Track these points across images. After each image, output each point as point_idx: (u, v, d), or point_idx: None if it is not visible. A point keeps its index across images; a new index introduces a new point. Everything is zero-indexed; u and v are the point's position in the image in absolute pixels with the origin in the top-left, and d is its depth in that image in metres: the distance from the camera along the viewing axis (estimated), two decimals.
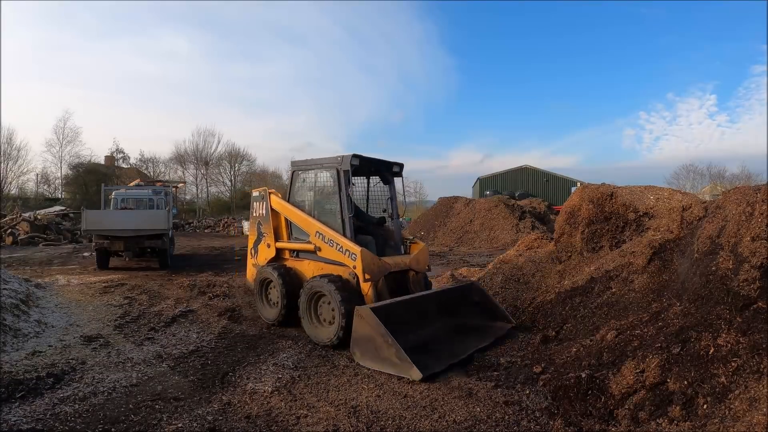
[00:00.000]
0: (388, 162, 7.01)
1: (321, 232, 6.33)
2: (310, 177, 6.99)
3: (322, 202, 6.82)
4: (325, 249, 6.27)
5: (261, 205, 7.49)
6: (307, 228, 6.60)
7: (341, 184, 6.30)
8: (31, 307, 7.15)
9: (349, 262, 5.92)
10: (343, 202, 6.26)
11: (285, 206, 7.08)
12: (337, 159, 6.36)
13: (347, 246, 5.99)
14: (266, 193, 7.43)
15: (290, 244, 7.03)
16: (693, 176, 43.14)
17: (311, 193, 6.99)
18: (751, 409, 2.87)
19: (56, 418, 3.82)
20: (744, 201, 4.34)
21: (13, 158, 36.34)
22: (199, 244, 20.34)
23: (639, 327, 4.80)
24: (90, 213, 12.24)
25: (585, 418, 3.73)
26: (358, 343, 5.18)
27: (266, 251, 7.31)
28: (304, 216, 6.71)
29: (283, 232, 7.21)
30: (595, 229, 7.75)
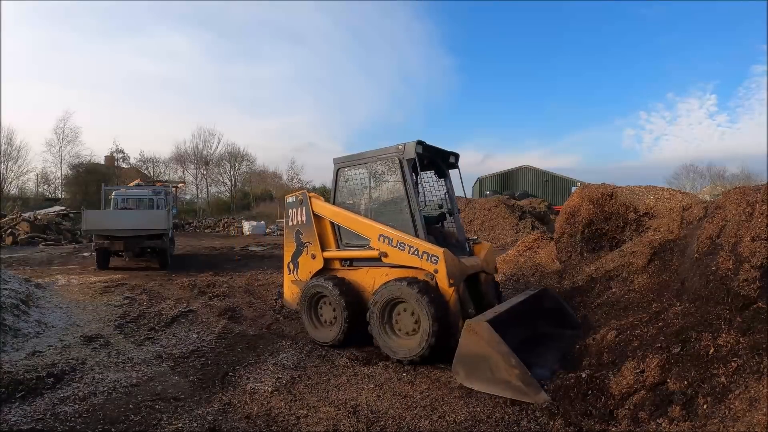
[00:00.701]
0: (445, 151, 6.18)
1: (386, 235, 5.56)
2: (358, 173, 6.22)
3: (379, 199, 6.06)
4: (393, 254, 5.49)
5: (299, 211, 6.56)
6: (366, 232, 5.79)
7: (405, 176, 5.58)
8: (31, 307, 7.15)
9: (428, 266, 5.21)
10: (410, 197, 5.55)
11: (331, 210, 6.26)
12: (398, 148, 5.67)
13: (425, 248, 5.26)
14: (305, 197, 6.53)
15: (343, 253, 6.14)
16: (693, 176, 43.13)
17: (364, 191, 6.19)
18: (751, 409, 2.87)
19: (56, 418, 3.83)
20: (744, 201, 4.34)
21: (13, 158, 36.39)
22: (199, 244, 20.35)
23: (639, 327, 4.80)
24: (90, 213, 12.25)
25: (585, 418, 3.73)
26: (465, 362, 4.50)
27: (310, 263, 6.39)
28: (359, 218, 5.92)
29: (329, 239, 6.31)
30: (595, 229, 7.75)
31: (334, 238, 6.28)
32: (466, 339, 4.52)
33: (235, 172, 46.41)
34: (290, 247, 6.70)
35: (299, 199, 6.59)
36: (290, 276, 6.72)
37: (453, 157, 6.33)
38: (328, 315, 5.98)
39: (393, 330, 5.34)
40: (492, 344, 4.33)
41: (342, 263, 6.18)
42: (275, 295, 8.87)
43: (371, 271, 5.87)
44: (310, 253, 6.40)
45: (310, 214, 6.40)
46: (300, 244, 6.54)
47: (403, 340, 5.22)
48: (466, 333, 4.52)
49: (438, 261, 5.14)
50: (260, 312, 7.79)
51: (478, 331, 4.46)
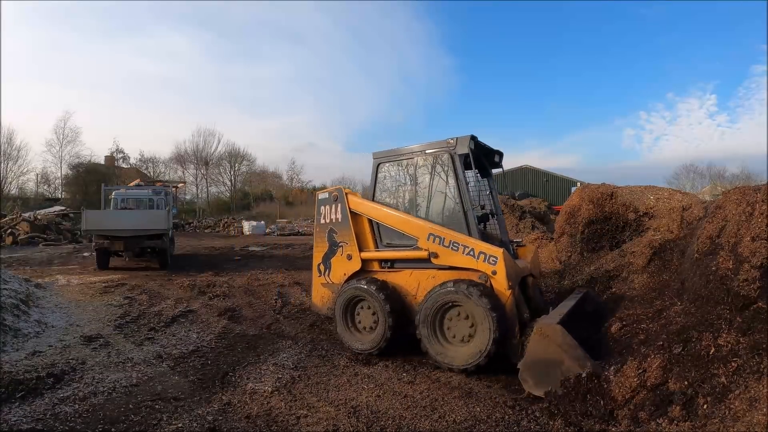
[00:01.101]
0: (490, 149, 5.87)
1: (437, 234, 5.23)
2: (402, 169, 5.86)
3: (425, 197, 5.68)
4: (445, 254, 5.17)
5: (332, 208, 6.11)
6: (414, 231, 5.44)
7: (458, 172, 5.28)
8: (31, 307, 7.15)
9: (485, 267, 4.90)
10: (463, 195, 5.26)
11: (372, 207, 5.86)
12: (448, 142, 5.37)
13: (483, 248, 4.95)
14: (341, 193, 6.08)
15: (385, 253, 5.75)
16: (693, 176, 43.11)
17: (408, 187, 5.83)
18: (751, 409, 2.87)
19: (56, 418, 3.83)
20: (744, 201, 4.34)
21: (13, 158, 36.38)
22: (199, 244, 20.35)
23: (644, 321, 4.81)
24: (90, 213, 12.26)
25: (585, 418, 3.73)
26: (534, 369, 4.23)
27: (346, 265, 5.97)
28: (406, 216, 5.57)
29: (367, 239, 5.92)
30: (595, 229, 7.76)
31: (372, 237, 5.91)
32: (536, 344, 4.26)
33: (235, 172, 46.44)
34: (321, 247, 6.26)
35: (333, 196, 6.15)
36: (320, 278, 6.29)
37: (498, 156, 6.02)
38: (367, 320, 5.61)
39: (445, 336, 5.00)
40: (565, 348, 4.08)
41: (382, 265, 5.83)
42: (275, 295, 8.90)
43: (415, 273, 5.53)
44: (345, 254, 5.97)
45: (347, 212, 5.97)
46: (333, 244, 6.11)
47: (457, 347, 4.89)
48: (536, 338, 4.26)
49: (497, 262, 4.84)
50: (260, 312, 7.78)
51: (550, 334, 4.20)
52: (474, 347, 4.74)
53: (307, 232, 28.81)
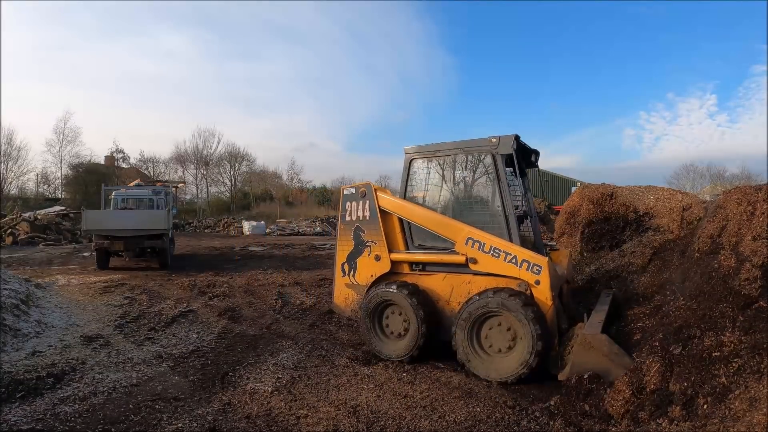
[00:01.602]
0: (528, 148, 5.65)
1: (477, 238, 4.96)
2: (437, 166, 5.60)
3: (462, 197, 5.52)
4: (485, 261, 4.92)
5: (360, 205, 5.76)
6: (451, 233, 5.16)
7: (500, 173, 5.02)
8: (31, 307, 7.15)
9: (528, 276, 4.69)
10: (505, 197, 5.01)
11: (404, 206, 5.53)
12: (491, 141, 5.09)
13: (526, 256, 4.73)
14: (370, 190, 5.73)
15: (418, 256, 5.46)
16: (693, 176, 43.05)
17: (443, 186, 5.58)
18: (751, 409, 2.87)
19: (56, 418, 3.83)
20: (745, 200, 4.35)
21: (13, 158, 36.25)
22: (199, 244, 20.34)
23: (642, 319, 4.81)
24: (90, 213, 12.26)
25: (585, 418, 3.73)
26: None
27: (373, 266, 5.64)
28: (443, 218, 5.29)
29: (397, 238, 5.61)
30: (595, 229, 7.76)
31: (402, 238, 5.60)
32: (581, 355, 4.11)
33: (235, 172, 46.37)
34: (346, 245, 5.89)
35: (361, 192, 5.78)
36: (344, 278, 5.92)
37: (534, 156, 5.81)
38: (397, 326, 5.37)
39: (482, 347, 4.78)
40: (612, 357, 3.96)
41: (412, 267, 5.55)
42: (275, 295, 8.90)
43: (449, 277, 5.27)
44: (373, 254, 5.64)
45: (376, 209, 5.63)
46: (360, 243, 5.77)
47: (495, 358, 4.70)
48: (581, 348, 4.12)
49: (541, 271, 4.62)
50: (260, 312, 7.78)
51: (595, 344, 4.07)
52: (514, 359, 4.52)
53: (307, 232, 28.81)
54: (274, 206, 39.43)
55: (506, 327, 4.66)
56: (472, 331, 4.78)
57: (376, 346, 5.45)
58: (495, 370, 4.62)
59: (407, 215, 5.53)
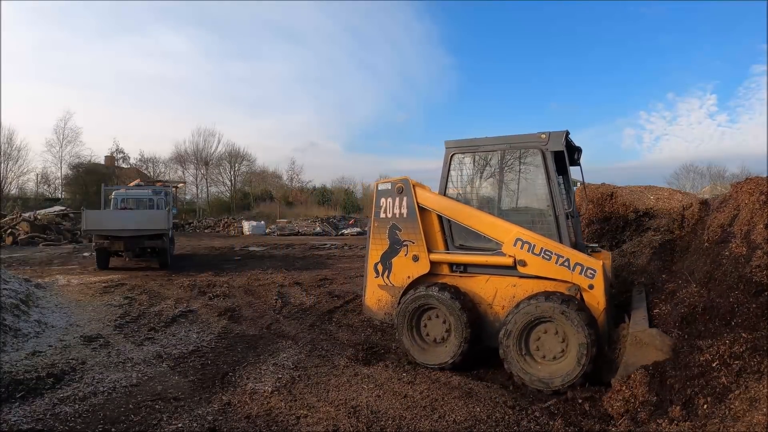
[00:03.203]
0: (572, 145, 5.37)
1: (527, 239, 4.71)
2: (481, 162, 5.37)
3: (509, 196, 5.33)
4: (535, 263, 4.67)
5: (396, 202, 5.44)
6: (497, 234, 4.90)
7: (549, 171, 4.79)
8: (31, 307, 7.15)
9: (581, 281, 4.48)
10: (555, 196, 4.79)
11: (446, 203, 5.26)
12: (540, 137, 4.86)
13: (580, 259, 4.52)
14: (407, 185, 5.39)
15: (461, 257, 5.19)
16: (693, 176, 43.03)
17: (489, 184, 5.38)
18: (751, 409, 2.87)
19: (56, 418, 3.83)
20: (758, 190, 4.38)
21: (13, 158, 36.24)
22: (199, 244, 20.34)
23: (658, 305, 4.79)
24: (90, 213, 12.25)
25: (585, 418, 3.73)
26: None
27: (411, 267, 5.34)
28: (489, 217, 5.02)
29: (436, 238, 5.33)
30: (595, 229, 7.76)
31: (442, 237, 5.33)
32: (634, 354, 4.00)
33: (235, 172, 46.36)
34: (381, 244, 5.57)
35: (398, 187, 5.45)
36: (378, 279, 5.60)
37: (578, 153, 5.50)
38: (437, 331, 5.12)
39: (531, 354, 4.57)
40: (666, 350, 3.90)
41: (453, 269, 5.27)
42: (275, 295, 8.90)
43: (493, 279, 5.03)
44: (411, 254, 5.34)
45: (415, 207, 5.31)
46: (395, 242, 5.45)
47: (545, 365, 4.50)
48: (633, 348, 4.02)
49: (595, 276, 4.43)
50: (260, 312, 7.78)
51: (647, 340, 3.99)
52: (567, 366, 4.33)
53: (307, 232, 28.81)
54: (274, 206, 39.42)
55: (557, 333, 4.45)
56: (521, 337, 4.54)
57: (413, 353, 5.20)
58: (546, 377, 4.41)
59: (450, 213, 5.24)
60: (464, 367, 4.97)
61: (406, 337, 5.25)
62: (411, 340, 5.23)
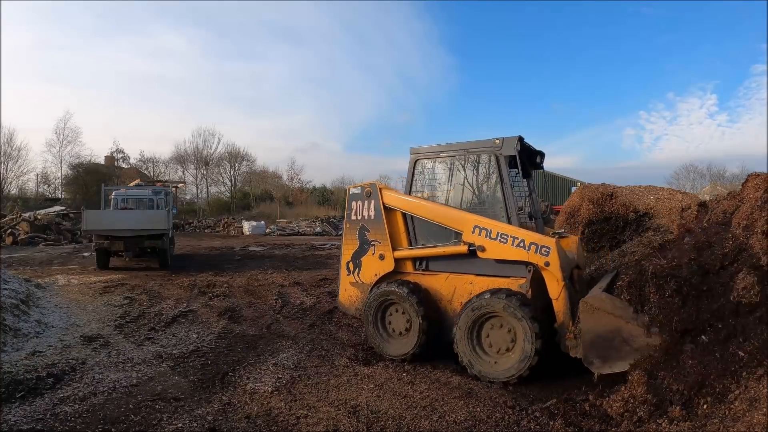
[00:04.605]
0: (533, 150, 5.71)
1: (483, 225, 4.95)
2: (442, 167, 5.68)
3: (466, 197, 5.59)
4: (493, 247, 4.89)
5: (365, 204, 5.81)
6: (458, 223, 5.16)
7: (503, 174, 5.09)
8: (31, 307, 7.15)
9: (537, 259, 4.66)
10: (507, 198, 5.08)
11: (410, 201, 5.57)
12: (494, 142, 5.16)
13: (534, 238, 4.70)
14: (375, 189, 5.76)
15: (422, 251, 5.50)
16: (693, 176, 43.11)
17: (447, 186, 5.66)
18: (751, 409, 2.88)
19: (56, 418, 3.83)
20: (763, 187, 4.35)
21: (13, 158, 36.28)
22: (199, 244, 20.34)
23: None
24: (90, 213, 12.25)
25: (585, 418, 3.73)
26: (597, 346, 4.12)
27: (377, 264, 5.71)
28: (450, 210, 5.31)
29: (401, 237, 5.63)
30: (595, 229, 7.76)
31: (406, 236, 5.63)
32: (588, 321, 4.15)
33: (235, 172, 46.40)
34: (351, 244, 5.96)
35: (367, 191, 5.82)
36: (349, 277, 6.01)
37: (540, 157, 5.85)
38: (399, 325, 5.42)
39: (483, 348, 4.79)
40: (619, 313, 4.01)
41: (416, 267, 5.63)
42: (275, 295, 8.90)
43: (452, 277, 5.32)
44: (377, 253, 5.71)
45: (380, 209, 5.67)
46: (364, 242, 5.83)
47: (496, 358, 4.71)
48: (586, 314, 4.17)
49: (550, 252, 4.59)
50: (260, 312, 7.78)
51: (599, 305, 4.12)
52: (516, 358, 4.53)
53: (307, 232, 28.81)
54: (274, 206, 39.43)
55: (506, 328, 4.66)
56: (472, 332, 4.78)
57: (378, 345, 5.51)
58: (497, 370, 4.63)
59: (412, 209, 5.55)
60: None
61: (372, 330, 5.57)
62: (376, 332, 5.55)
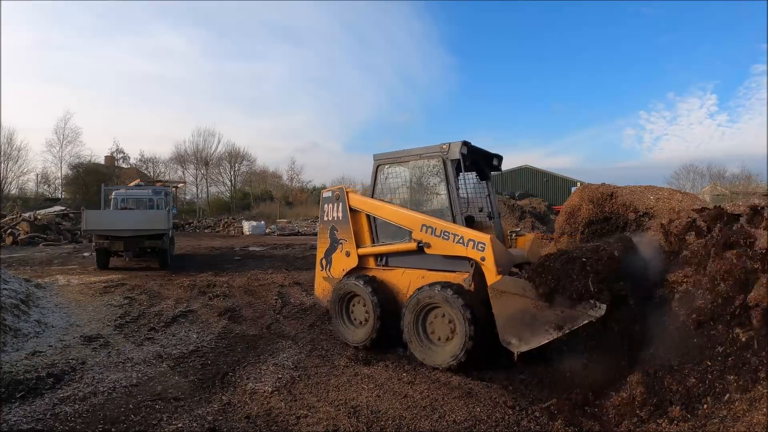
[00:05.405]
0: (488, 153, 6.09)
1: (430, 224, 5.36)
2: (400, 171, 6.09)
3: (420, 198, 5.98)
4: (437, 244, 5.30)
5: (335, 206, 6.39)
6: (409, 223, 5.58)
7: (448, 177, 5.46)
8: (31, 307, 7.15)
9: (474, 254, 4.97)
10: (452, 198, 5.43)
11: (371, 202, 6.08)
12: (441, 147, 5.53)
13: (471, 235, 5.04)
14: (342, 193, 6.34)
15: (378, 248, 6.00)
16: (693, 176, 43.15)
17: (404, 189, 6.05)
18: (751, 409, 2.88)
19: (56, 418, 3.83)
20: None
21: (13, 158, 36.37)
22: (199, 244, 20.34)
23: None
24: (90, 213, 12.24)
25: (585, 418, 3.73)
26: (510, 327, 4.42)
27: (344, 261, 6.26)
28: (402, 210, 5.73)
29: (365, 236, 6.15)
30: (595, 229, 7.74)
31: (369, 235, 6.13)
32: (498, 304, 4.52)
33: (235, 172, 46.42)
34: (324, 243, 6.56)
35: (336, 195, 6.41)
36: (322, 272, 6.64)
37: (496, 160, 6.21)
38: (360, 315, 5.90)
39: (428, 337, 5.18)
40: (522, 292, 4.31)
41: (377, 262, 6.08)
42: (275, 295, 8.90)
43: (407, 272, 5.72)
44: (344, 251, 6.26)
45: (347, 211, 6.22)
46: (334, 241, 6.40)
47: (440, 347, 5.05)
48: (495, 299, 4.55)
49: (485, 248, 4.89)
50: (260, 312, 7.79)
51: (504, 288, 4.48)
52: (456, 345, 4.87)
53: (307, 232, 28.79)
54: (274, 206, 39.45)
55: (446, 317, 5.01)
56: (417, 322, 5.21)
57: (342, 333, 6.04)
58: (437, 357, 4.99)
59: (373, 210, 6.06)
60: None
61: (336, 320, 6.12)
62: (341, 322, 6.08)
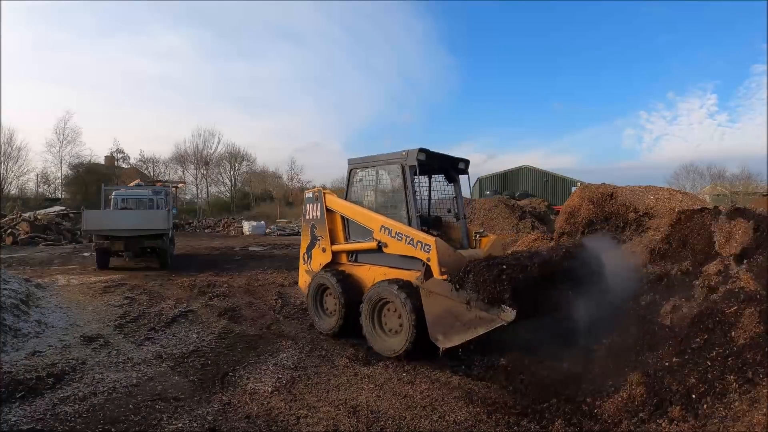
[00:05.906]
0: (453, 158, 6.49)
1: (387, 226, 5.79)
2: (369, 175, 6.47)
3: (384, 201, 6.33)
4: (392, 244, 5.72)
5: (315, 206, 6.95)
6: (370, 223, 6.04)
7: (406, 181, 5.82)
8: (31, 307, 7.15)
9: (422, 255, 5.31)
10: (409, 201, 5.79)
11: (342, 204, 6.60)
12: (401, 154, 5.90)
13: (419, 237, 5.41)
14: (320, 194, 6.89)
15: (348, 245, 6.52)
16: (693, 176, 43.05)
17: (372, 192, 6.47)
18: (751, 409, 2.88)
19: (56, 418, 3.83)
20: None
21: (13, 158, 36.32)
22: (199, 244, 20.34)
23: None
24: (90, 213, 12.25)
25: (585, 418, 3.73)
26: (437, 324, 4.80)
27: (321, 256, 6.80)
28: (365, 211, 6.21)
29: (339, 234, 6.69)
30: (595, 229, 7.74)
31: (343, 233, 6.63)
32: (427, 303, 4.90)
33: (235, 172, 46.41)
34: (306, 239, 7.16)
35: (315, 196, 7.00)
36: (304, 266, 7.21)
37: (462, 164, 6.59)
38: (331, 305, 6.43)
39: (383, 329, 5.63)
40: (447, 293, 4.67)
41: (349, 259, 6.58)
42: (275, 295, 8.89)
43: (372, 268, 6.18)
44: (321, 247, 6.80)
45: (324, 210, 6.77)
46: (314, 238, 6.95)
47: (390, 338, 5.52)
48: (425, 298, 4.92)
49: (430, 249, 5.23)
50: (260, 312, 7.79)
51: (432, 289, 4.85)
52: (403, 336, 5.28)
53: None
54: (274, 206, 39.44)
55: (395, 310, 5.42)
56: (373, 314, 5.66)
57: (316, 321, 6.63)
58: (386, 347, 5.44)
59: (345, 211, 6.56)
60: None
61: (312, 309, 6.70)
62: (315, 312, 6.65)
